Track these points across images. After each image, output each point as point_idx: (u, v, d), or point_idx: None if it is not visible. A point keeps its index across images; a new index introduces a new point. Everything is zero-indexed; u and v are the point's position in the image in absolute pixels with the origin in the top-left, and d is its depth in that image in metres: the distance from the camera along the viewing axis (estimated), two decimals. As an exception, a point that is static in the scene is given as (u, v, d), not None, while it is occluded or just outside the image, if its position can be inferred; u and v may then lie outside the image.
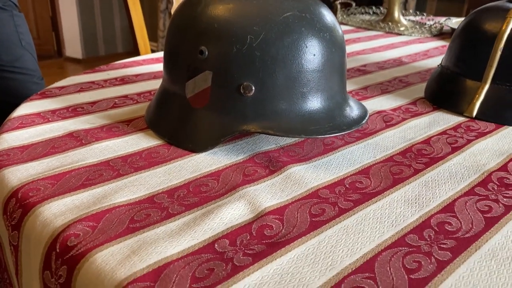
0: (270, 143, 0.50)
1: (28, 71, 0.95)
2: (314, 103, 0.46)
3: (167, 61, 0.50)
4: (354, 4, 1.36)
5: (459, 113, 0.61)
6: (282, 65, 0.44)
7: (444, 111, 0.62)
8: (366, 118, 0.49)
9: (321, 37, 0.45)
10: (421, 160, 0.47)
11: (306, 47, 0.44)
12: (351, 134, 0.53)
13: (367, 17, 1.34)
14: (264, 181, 0.42)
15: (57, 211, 0.36)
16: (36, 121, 0.54)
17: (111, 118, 0.55)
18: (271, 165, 0.45)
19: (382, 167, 0.46)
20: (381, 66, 0.84)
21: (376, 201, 0.39)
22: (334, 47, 0.47)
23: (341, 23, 1.27)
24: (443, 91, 0.65)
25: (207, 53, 0.45)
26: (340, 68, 0.48)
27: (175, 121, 0.49)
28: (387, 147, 0.50)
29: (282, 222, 0.36)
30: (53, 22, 3.71)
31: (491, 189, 0.42)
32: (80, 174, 0.42)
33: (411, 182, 0.43)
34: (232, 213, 0.37)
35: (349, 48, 0.97)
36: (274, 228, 0.35)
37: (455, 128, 0.56)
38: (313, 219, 0.36)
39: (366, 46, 1.00)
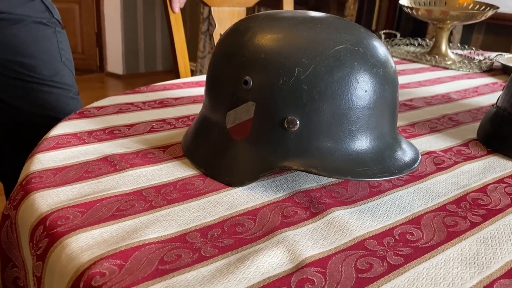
0: (311, 181, 0.47)
1: (66, 86, 0.96)
2: (363, 142, 0.42)
3: (210, 88, 0.48)
4: (398, 35, 1.33)
5: (517, 159, 0.56)
6: (330, 101, 0.41)
7: (499, 155, 0.57)
8: (418, 161, 0.45)
9: (374, 73, 0.42)
10: (478, 212, 0.43)
11: (358, 82, 0.41)
12: (399, 177, 0.49)
13: (411, 48, 1.30)
14: (305, 225, 0.39)
15: (84, 245, 0.34)
16: (72, 142, 0.52)
17: (147, 143, 0.53)
18: (312, 206, 0.42)
19: (435, 217, 0.42)
20: (429, 101, 0.80)
21: (430, 258, 0.35)
22: (387, 84, 0.43)
23: (385, 53, 1.24)
24: (499, 134, 0.60)
25: (251, 83, 0.43)
26: (392, 106, 0.45)
27: (213, 151, 0.47)
28: (439, 194, 0.46)
29: (325, 276, 0.32)
30: (98, 38, 3.83)
31: (561, 253, 0.37)
32: (111, 204, 0.40)
33: (467, 237, 0.39)
34: (269, 261, 0.34)
35: (394, 81, 0.93)
36: (316, 283, 0.32)
37: (514, 176, 0.51)
38: (360, 275, 0.33)
39: (411, 79, 0.96)
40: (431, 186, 0.48)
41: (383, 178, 0.41)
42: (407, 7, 1.15)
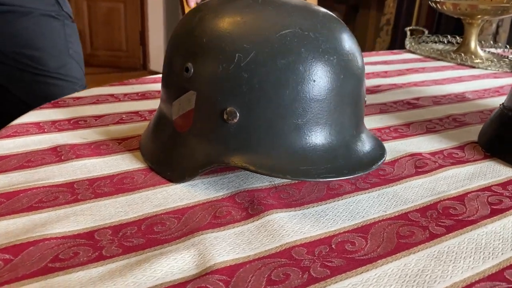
0: (264, 180, 0.43)
1: (72, 78, 0.96)
2: (311, 138, 0.38)
3: (163, 78, 0.45)
4: (426, 32, 1.25)
5: (517, 165, 0.49)
6: (273, 91, 0.37)
7: (498, 161, 0.51)
8: (379, 163, 0.40)
9: (326, 61, 0.37)
10: (444, 222, 0.37)
11: (305, 71, 0.37)
12: (367, 178, 0.44)
13: (440, 46, 1.22)
14: (234, 227, 0.35)
15: (-17, 236, 0.32)
16: (31, 130, 0.51)
17: (107, 135, 0.51)
18: (251, 207, 0.38)
19: (389, 226, 0.36)
20: (438, 101, 0.73)
21: (362, 272, 0.31)
22: (344, 73, 0.39)
23: (409, 51, 1.16)
24: (500, 137, 0.53)
25: (192, 71, 0.39)
26: (352, 99, 0.40)
27: (162, 145, 0.44)
28: (406, 200, 0.41)
29: (228, 285, 0.28)
30: (142, 37, 3.91)
31: (527, 275, 0.31)
32: (35, 195, 0.38)
33: (419, 251, 0.33)
34: (172, 265, 0.30)
35: (406, 78, 0.86)
36: (213, 293, 0.28)
37: (505, 184, 0.45)
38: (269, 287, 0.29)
39: (428, 77, 0.89)
40: (401, 191, 0.42)
41: (328, 179, 0.36)
42: (433, 1, 1.07)
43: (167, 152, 0.43)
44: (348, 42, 0.40)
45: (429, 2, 1.08)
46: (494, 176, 0.47)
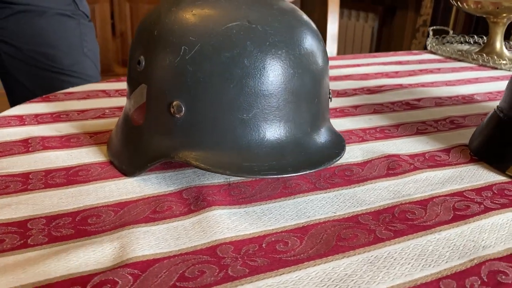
0: (220, 177, 0.42)
1: (86, 76, 0.98)
2: (258, 134, 0.37)
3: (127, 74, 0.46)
4: (451, 32, 1.19)
5: (502, 170, 0.46)
6: (217, 84, 0.36)
7: (483, 165, 0.47)
8: (331, 162, 0.38)
9: (273, 55, 0.36)
10: (395, 227, 0.35)
11: (250, 65, 0.36)
12: (330, 178, 0.42)
13: (466, 47, 1.16)
14: (168, 223, 0.34)
15: None
16: (12, 123, 0.53)
17: (82, 128, 0.52)
18: (195, 203, 0.37)
19: (333, 227, 0.35)
20: (441, 102, 0.69)
21: (282, 274, 0.29)
22: (296, 69, 0.37)
23: (430, 51, 1.12)
24: (489, 139, 0.50)
25: (143, 64, 0.39)
26: (306, 96, 0.38)
27: (122, 138, 0.44)
28: (363, 202, 0.39)
29: (137, 279, 0.28)
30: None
31: None
32: (-11, 183, 0.39)
33: (354, 255, 0.31)
34: (89, 256, 0.30)
35: (415, 79, 0.83)
36: (119, 286, 0.27)
37: (481, 190, 0.42)
38: (178, 284, 0.28)
39: (440, 78, 0.85)
40: (362, 192, 0.40)
41: (267, 176, 0.35)
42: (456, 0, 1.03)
43: (125, 146, 0.43)
44: (304, 36, 0.38)
45: (451, 1, 1.04)
46: (472, 180, 0.43)
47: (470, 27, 2.06)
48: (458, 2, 1.00)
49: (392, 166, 0.45)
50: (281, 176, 0.35)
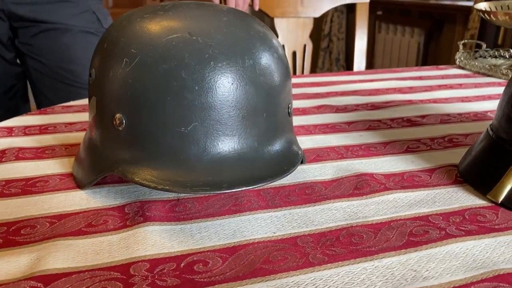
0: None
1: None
2: (198, 148, 0.36)
3: (96, 85, 0.46)
4: (484, 46, 1.12)
5: (483, 193, 0.42)
6: (154, 97, 0.35)
7: (467, 187, 0.43)
8: (275, 179, 0.36)
9: (212, 67, 0.35)
10: (333, 251, 0.32)
11: (187, 78, 0.35)
12: (288, 196, 0.40)
13: (500, 61, 1.09)
14: (97, 237, 0.34)
15: None
16: (0, 134, 0.55)
17: (61, 140, 0.53)
18: (132, 218, 0.36)
19: (264, 248, 0.33)
20: (447, 119, 0.65)
21: (186, 296, 0.28)
22: (239, 81, 0.36)
23: (458, 66, 1.06)
24: (477, 160, 0.45)
25: (94, 76, 0.39)
26: (253, 109, 0.37)
27: (83, 151, 0.44)
28: (310, 223, 0.36)
29: (35, 293, 0.27)
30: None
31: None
32: None
33: (274, 279, 0.29)
34: (2, 267, 0.30)
35: (429, 95, 0.78)
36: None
37: (451, 214, 0.38)
38: (73, 300, 0.27)
39: (457, 94, 0.79)
40: (314, 213, 0.38)
41: (198, 193, 0.33)
42: (483, 11, 0.97)
43: (86, 157, 0.43)
44: (250, 48, 0.37)
45: (478, 12, 0.98)
46: (445, 204, 0.40)
47: (520, 41, 1.94)
48: (486, 14, 0.95)
49: (360, 186, 0.43)
50: (213, 192, 0.34)
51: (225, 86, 0.35)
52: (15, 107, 1.07)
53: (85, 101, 0.69)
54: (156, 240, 0.33)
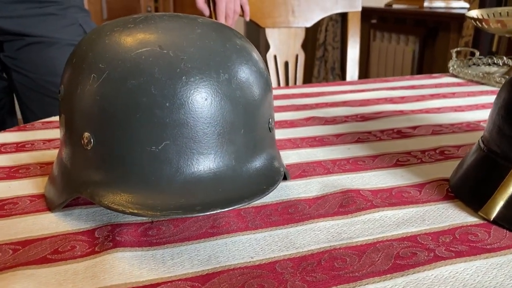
0: (146, 213, 0.39)
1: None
2: (170, 168, 0.33)
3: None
4: (477, 54, 1.11)
5: (474, 210, 0.39)
6: (122, 115, 0.33)
7: (458, 203, 0.41)
8: (253, 200, 0.34)
9: (184, 83, 0.33)
10: (314, 277, 0.30)
11: (157, 93, 0.33)
12: (268, 216, 0.38)
13: (493, 69, 1.08)
14: (62, 265, 0.32)
15: None
16: (-27, 153, 0.53)
17: (37, 159, 0.51)
18: (102, 244, 0.34)
19: (241, 276, 0.30)
20: (439, 130, 0.63)
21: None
22: (214, 96, 0.34)
23: (451, 75, 1.04)
24: (468, 174, 0.43)
25: (62, 93, 0.37)
26: (229, 126, 0.35)
27: (55, 171, 0.42)
28: (291, 246, 0.34)
29: (-15, 332, 0.25)
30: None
31: None
32: None
33: (248, 312, 0.27)
34: (-48, 301, 0.27)
35: (421, 105, 0.76)
36: None
37: (441, 234, 0.36)
38: None
39: (450, 103, 0.78)
40: (296, 234, 0.36)
41: (170, 217, 0.31)
42: (475, 19, 0.96)
43: (58, 177, 0.41)
44: (227, 61, 0.35)
45: (470, 20, 0.97)
46: (435, 222, 0.38)
47: (514, 48, 1.93)
48: (478, 22, 0.93)
49: (346, 203, 0.41)
50: (184, 216, 0.31)
51: (198, 102, 0.33)
52: (1, 122, 1.05)
53: (66, 116, 0.67)
54: (124, 268, 0.31)
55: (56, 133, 0.59)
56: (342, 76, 3.23)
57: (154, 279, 0.30)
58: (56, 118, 0.67)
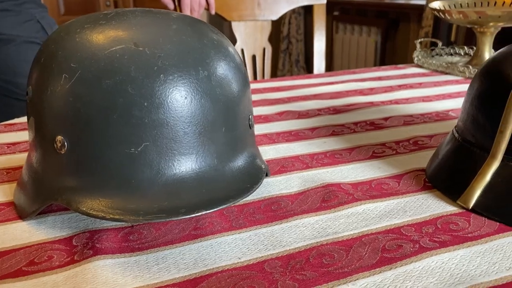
0: (125, 217, 0.37)
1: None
2: (150, 170, 0.32)
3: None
4: (440, 44, 1.13)
5: (453, 199, 0.40)
6: (98, 116, 0.32)
7: (436, 193, 0.42)
8: (236, 200, 0.33)
9: (162, 81, 0.32)
10: (304, 275, 0.30)
11: (135, 93, 0.31)
12: (253, 214, 0.37)
13: (455, 58, 1.10)
14: (40, 277, 0.30)
15: None
16: None
17: (3, 164, 0.48)
18: (80, 252, 0.33)
19: (230, 278, 0.30)
20: (410, 121, 0.64)
21: None
22: (193, 95, 0.33)
23: (416, 65, 1.06)
24: (444, 164, 0.44)
25: (31, 94, 0.35)
26: (210, 124, 0.34)
27: (25, 177, 0.40)
28: (278, 244, 0.34)
29: None
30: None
31: None
32: None
33: (240, 315, 0.26)
34: None
35: (390, 96, 0.77)
36: None
37: (423, 224, 0.36)
38: None
39: (417, 94, 0.79)
40: (281, 231, 0.35)
41: (153, 221, 0.30)
42: (438, 10, 0.98)
43: (28, 183, 0.39)
44: (205, 58, 0.34)
45: (434, 12, 0.99)
46: (416, 213, 0.38)
47: (472, 39, 1.99)
48: (441, 13, 0.95)
49: (328, 198, 0.40)
50: (169, 219, 0.30)
51: (178, 100, 0.32)
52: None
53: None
54: (107, 276, 0.30)
55: (20, 136, 0.57)
56: (307, 68, 3.26)
57: (141, 286, 0.29)
58: (20, 120, 0.64)
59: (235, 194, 0.34)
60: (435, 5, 1.02)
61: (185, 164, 0.33)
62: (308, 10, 3.21)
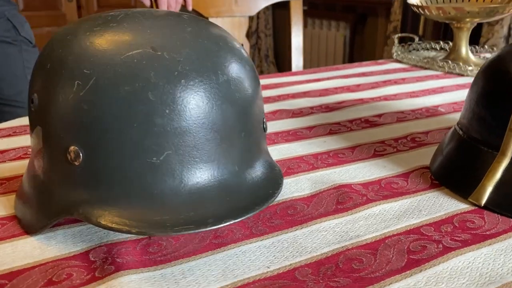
0: (140, 227, 0.36)
1: (29, 105, 0.92)
2: (173, 180, 0.31)
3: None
4: (417, 39, 1.15)
5: (464, 197, 0.41)
6: (116, 125, 0.30)
7: (445, 191, 0.42)
8: (262, 206, 0.32)
9: (184, 86, 0.31)
10: (338, 282, 0.29)
11: (156, 100, 0.30)
12: (270, 220, 0.37)
13: (432, 53, 1.13)
14: (62, 297, 0.28)
15: None
16: None
17: (-6, 174, 0.45)
18: (101, 268, 0.31)
19: (263, 289, 0.29)
20: (403, 117, 0.64)
21: None
22: (215, 100, 0.32)
23: (396, 60, 1.08)
24: (450, 161, 0.45)
25: (37, 103, 0.33)
26: (230, 130, 0.33)
27: (28, 190, 0.37)
28: (303, 250, 0.33)
29: None
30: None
31: None
32: None
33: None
34: None
35: (377, 92, 0.78)
36: None
37: (441, 223, 0.37)
38: None
39: (403, 89, 0.80)
40: (304, 237, 0.35)
41: (182, 232, 0.29)
42: (417, 6, 0.99)
43: (32, 196, 0.36)
44: (223, 61, 0.33)
45: (411, 7, 1.00)
46: (431, 212, 0.38)
47: (439, 33, 2.05)
48: (420, 9, 0.97)
49: (342, 200, 0.40)
50: (198, 230, 0.29)
51: (200, 106, 0.31)
52: None
53: (15, 122, 0.61)
54: (135, 293, 0.28)
55: (8, 143, 0.54)
56: (277, 63, 3.26)
57: (173, 303, 0.28)
58: (4, 125, 0.60)
59: (259, 201, 0.33)
60: (413, 1, 1.04)
61: (207, 172, 0.32)
62: (276, 5, 3.21)
